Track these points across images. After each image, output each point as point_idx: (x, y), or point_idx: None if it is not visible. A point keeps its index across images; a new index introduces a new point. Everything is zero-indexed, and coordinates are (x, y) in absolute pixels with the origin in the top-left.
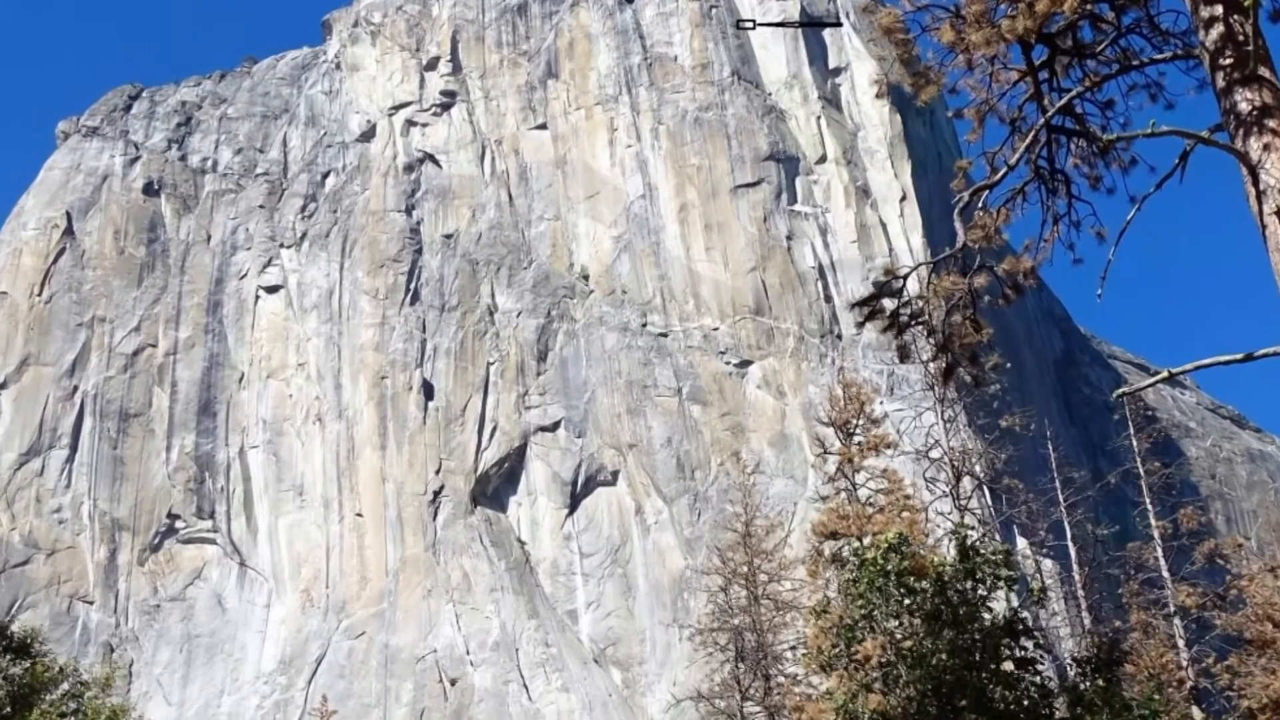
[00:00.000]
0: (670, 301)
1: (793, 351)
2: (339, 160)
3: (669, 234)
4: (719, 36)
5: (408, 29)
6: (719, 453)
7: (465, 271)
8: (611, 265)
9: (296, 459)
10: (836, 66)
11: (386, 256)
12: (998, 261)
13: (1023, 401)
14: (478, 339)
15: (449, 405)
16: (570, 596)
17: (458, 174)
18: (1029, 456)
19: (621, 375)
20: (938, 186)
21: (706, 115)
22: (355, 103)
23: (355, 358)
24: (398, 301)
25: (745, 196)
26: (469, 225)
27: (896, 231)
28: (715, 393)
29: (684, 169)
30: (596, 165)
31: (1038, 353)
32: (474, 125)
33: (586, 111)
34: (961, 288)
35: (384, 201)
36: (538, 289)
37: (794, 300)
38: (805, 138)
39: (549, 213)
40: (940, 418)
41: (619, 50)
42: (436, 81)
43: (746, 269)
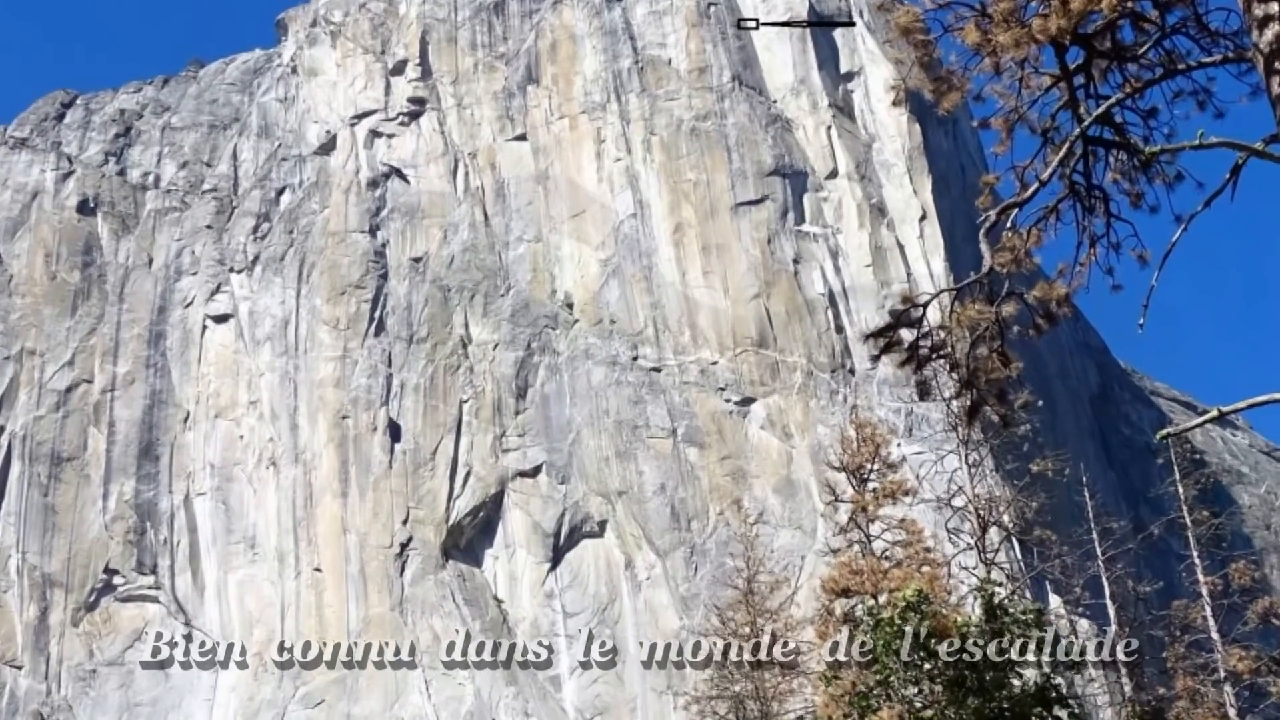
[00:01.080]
0: (664, 332)
1: (800, 388)
2: (295, 175)
3: (662, 257)
4: (718, 37)
5: (371, 29)
6: (718, 500)
7: (436, 299)
8: (598, 292)
9: (248, 508)
10: (849, 71)
11: (348, 282)
12: (1028, 288)
13: (1056, 443)
14: (450, 374)
15: (418, 448)
16: (553, 660)
17: (427, 190)
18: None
19: (610, 414)
20: (961, 204)
21: (704, 125)
22: (313, 111)
23: (313, 395)
24: (360, 332)
25: (747, 215)
26: (440, 247)
27: (915, 254)
28: (714, 434)
29: (679, 185)
30: (582, 180)
31: (1072, 389)
32: (445, 136)
33: (570, 121)
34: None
35: (345, 221)
36: (516, 318)
37: (801, 331)
38: (814, 150)
39: (529, 233)
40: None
41: (607, 53)
42: (404, 87)
43: (748, 296)
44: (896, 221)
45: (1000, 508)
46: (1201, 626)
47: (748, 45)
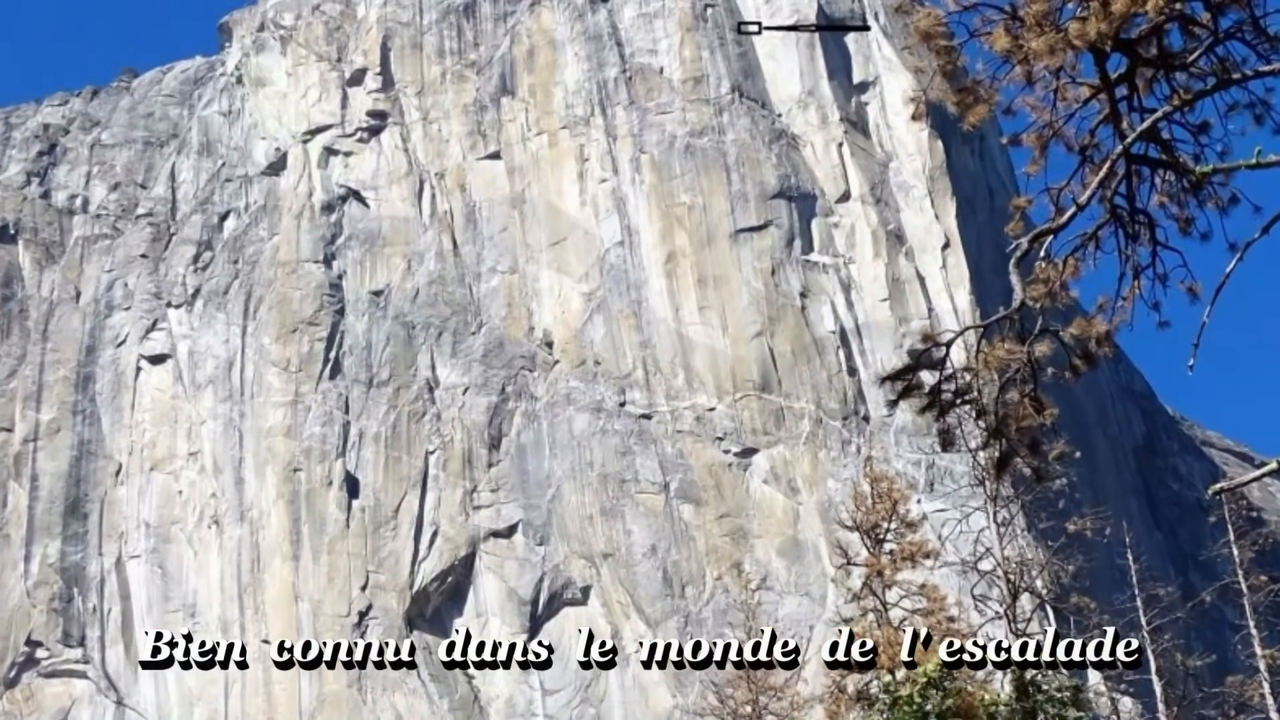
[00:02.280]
0: (655, 375)
1: (808, 437)
2: (240, 198)
3: (653, 290)
4: (715, 43)
5: (326, 34)
6: (716, 564)
7: (398, 337)
8: (581, 329)
9: (187, 572)
10: (863, 81)
11: (300, 318)
12: (1064, 325)
13: (1095, 499)
14: (414, 422)
15: (378, 505)
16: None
17: (389, 215)
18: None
19: (594, 467)
20: (989, 231)
21: (700, 142)
22: (261, 126)
23: (261, 445)
24: (314, 375)
25: (749, 243)
26: (403, 279)
27: (937, 287)
28: (711, 489)
29: (672, 209)
30: (562, 204)
31: (1114, 439)
32: (409, 154)
33: (550, 137)
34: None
35: (297, 249)
36: (489, 359)
37: (809, 373)
38: (823, 170)
39: (503, 264)
40: (992, 520)
41: (591, 60)
42: (362, 99)
43: (750, 334)
44: (916, 250)
45: (1033, 572)
46: (1259, 706)
47: (749, 52)
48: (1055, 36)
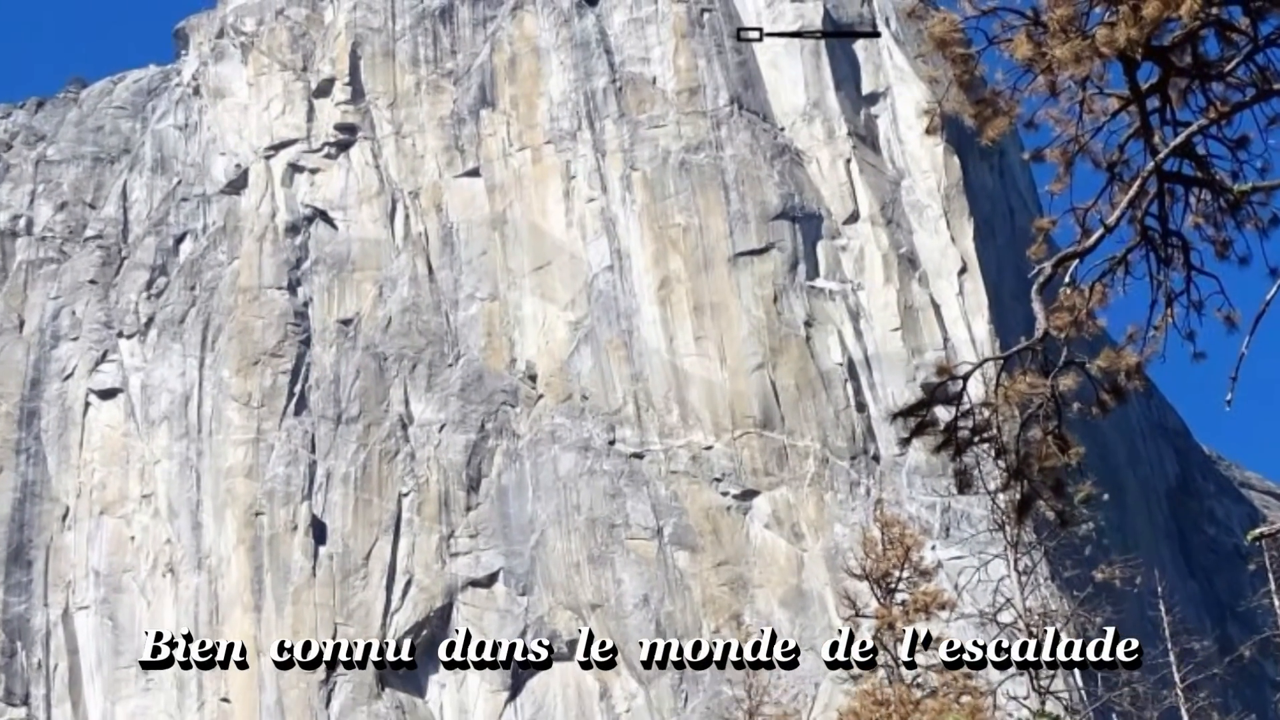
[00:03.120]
0: (647, 410)
1: (813, 478)
2: (198, 219)
3: (645, 319)
4: (713, 51)
5: (291, 41)
6: (713, 615)
7: (369, 370)
8: (567, 361)
9: (140, 624)
10: (873, 92)
11: (262, 349)
12: (1091, 356)
13: (1125, 546)
14: (386, 461)
15: (347, 551)
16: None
17: (359, 237)
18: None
19: (581, 510)
20: (1009, 254)
21: (696, 158)
22: (220, 140)
23: (220, 487)
24: (277, 411)
25: (748, 268)
26: (374, 307)
27: (954, 315)
28: (708, 534)
29: (665, 230)
30: (547, 225)
31: (1145, 480)
32: (381, 171)
33: (533, 152)
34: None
35: (259, 275)
36: (467, 394)
37: (815, 409)
38: (830, 188)
39: (482, 290)
40: (1013, 568)
41: (578, 69)
42: (330, 112)
43: (750, 367)
44: (930, 275)
45: (1057, 624)
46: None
47: (749, 61)
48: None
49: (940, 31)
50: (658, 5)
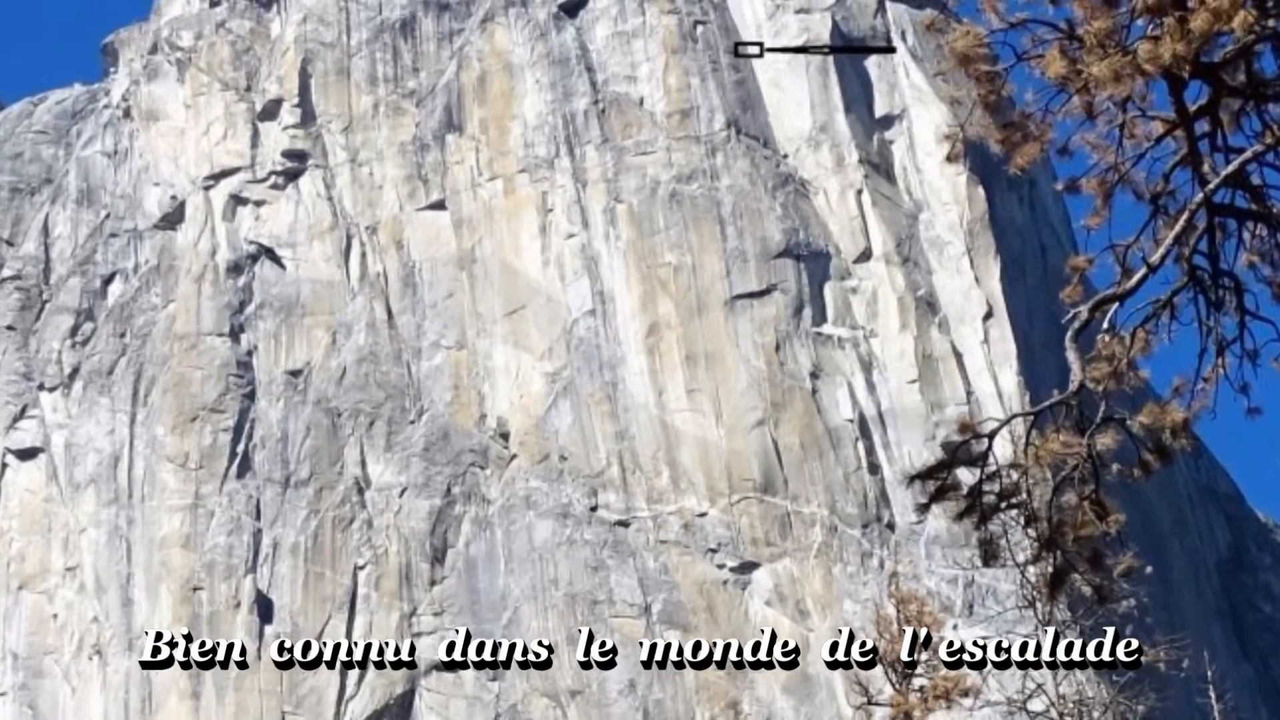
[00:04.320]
0: (633, 473)
1: (820, 549)
2: (128, 257)
3: (631, 370)
4: (707, 68)
5: (233, 57)
6: (708, 703)
7: (321, 427)
8: (544, 418)
9: (64, 712)
10: (887, 114)
11: (201, 404)
12: (1132, 412)
13: (1170, 624)
14: (340, 530)
15: (296, 630)
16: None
17: (309, 278)
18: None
19: (559, 585)
20: (1040, 297)
21: (688, 189)
22: (154, 169)
23: (154, 559)
24: (218, 473)
25: (748, 312)
26: (326, 356)
27: (978, 365)
28: (702, 611)
29: (654, 270)
30: (521, 265)
31: (1192, 551)
32: (334, 203)
33: (505, 183)
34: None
35: (197, 320)
36: (431, 454)
37: (822, 471)
38: (839, 223)
39: (448, 337)
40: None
41: (555, 89)
42: (277, 137)
43: (749, 423)
44: (952, 321)
45: (1095, 712)
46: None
47: (748, 79)
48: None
49: (963, 46)
50: (645, 17)
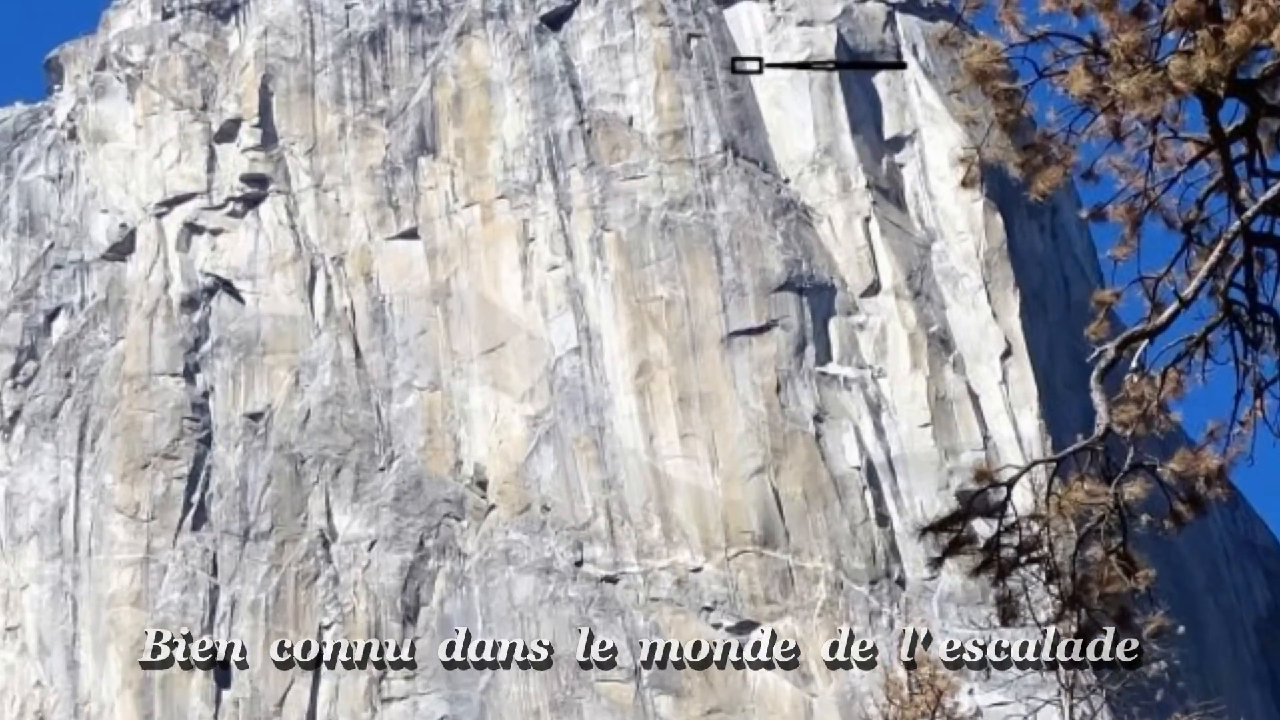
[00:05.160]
0: (622, 524)
1: (824, 607)
2: (74, 290)
3: (620, 413)
4: (702, 85)
5: (188, 73)
6: None
7: (283, 475)
8: (525, 465)
9: None
10: (897, 135)
11: (153, 450)
12: (1163, 458)
13: (1205, 688)
14: (304, 586)
15: (256, 696)
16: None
17: (271, 313)
18: None
19: (543, 644)
20: (1063, 333)
21: (682, 216)
22: (102, 195)
23: (101, 618)
24: (171, 525)
25: (746, 350)
26: (289, 398)
27: (996, 408)
28: (697, 675)
29: (645, 305)
30: (500, 299)
31: (1229, 609)
32: (297, 232)
33: (483, 209)
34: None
35: (148, 359)
36: (403, 504)
37: (826, 522)
38: (845, 253)
39: (421, 378)
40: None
41: (537, 108)
42: (236, 160)
43: (748, 471)
44: (967, 359)
45: None
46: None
47: (747, 97)
48: (1151, 77)
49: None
50: (635, 30)
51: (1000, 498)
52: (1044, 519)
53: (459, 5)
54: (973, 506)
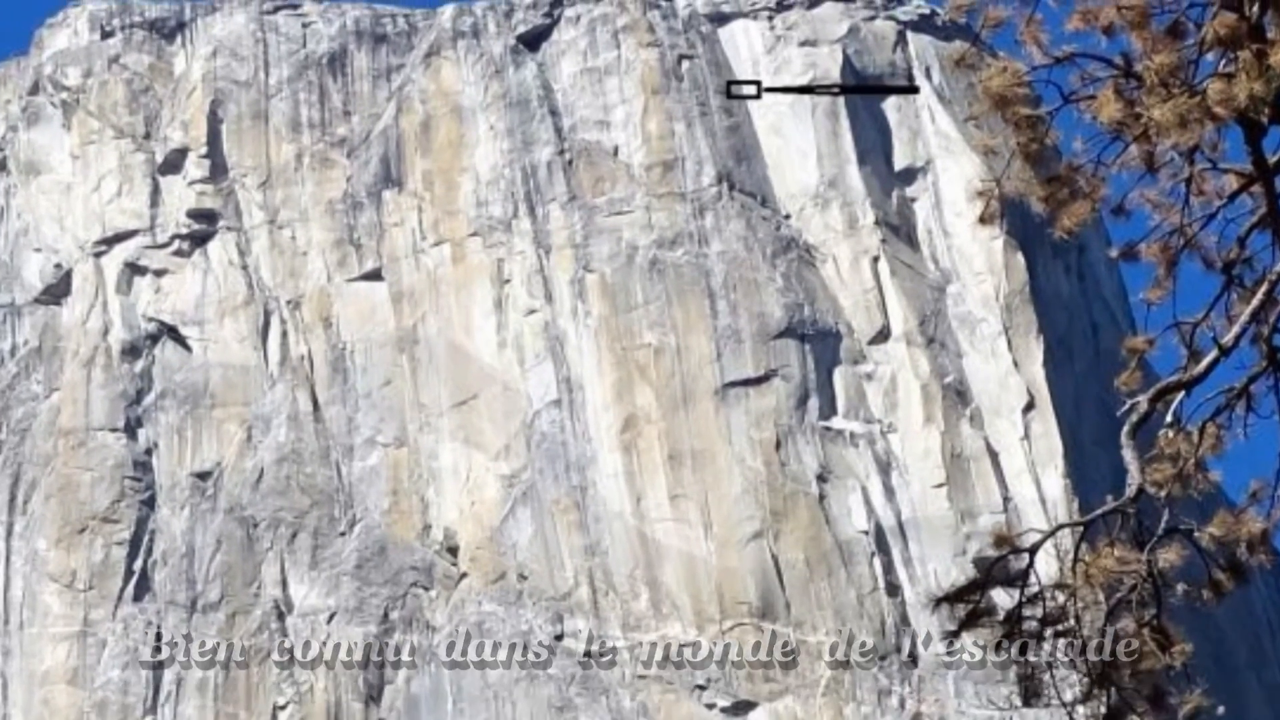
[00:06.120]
0: (607, 594)
1: (829, 685)
2: (4, 336)
3: (604, 472)
4: (694, 111)
5: (129, 98)
6: None
7: (234, 540)
8: (499, 529)
9: None
10: (909, 166)
11: (91, 513)
12: (1201, 521)
13: None
14: (257, 663)
15: None
16: None
17: (220, 362)
18: None
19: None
20: (1091, 384)
21: (672, 255)
22: (34, 232)
23: (34, 697)
24: (111, 595)
25: (743, 403)
26: (240, 456)
27: (1017, 466)
28: None
29: (631, 353)
30: (472, 346)
31: (1273, 687)
32: (250, 273)
33: (454, 248)
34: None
35: (86, 412)
36: (365, 572)
37: (831, 592)
38: (852, 296)
39: (386, 433)
40: None
41: (513, 136)
42: (182, 193)
43: (745, 535)
44: (985, 413)
45: None
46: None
47: (744, 125)
48: (1188, 102)
49: (999, 86)
50: (621, 51)
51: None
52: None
53: (427, 23)
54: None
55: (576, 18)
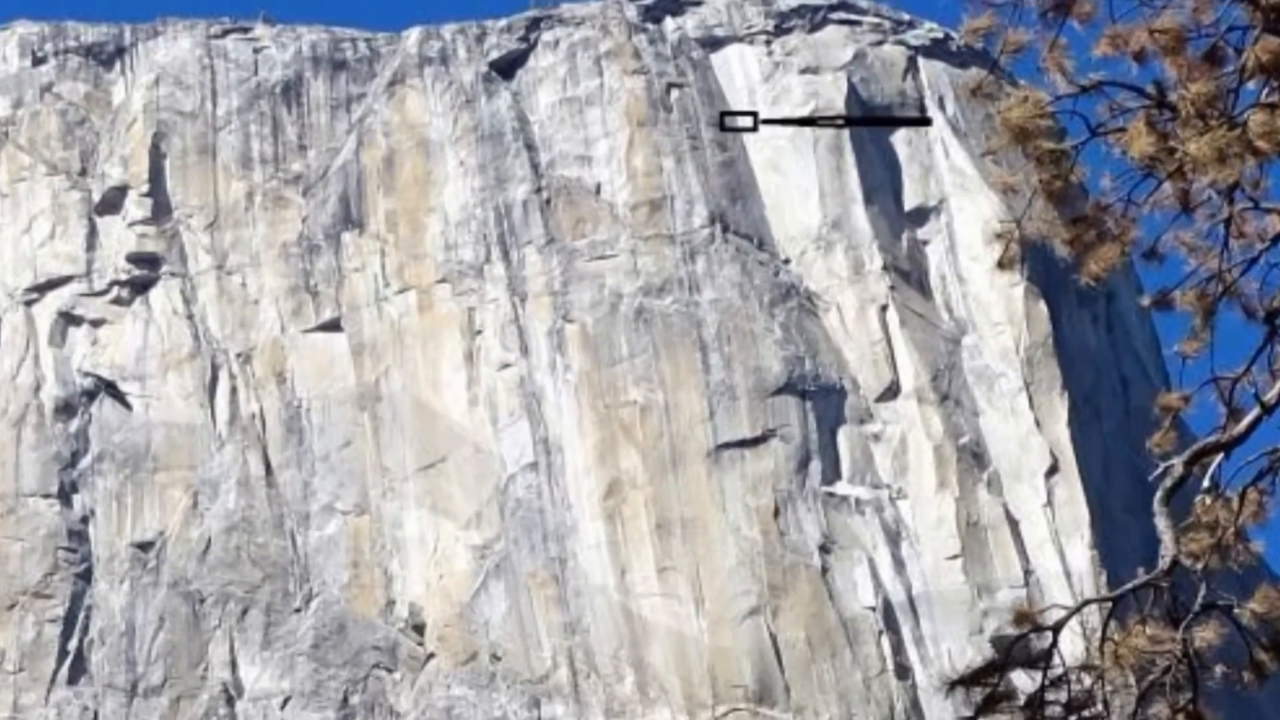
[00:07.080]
0: (589, 677)
1: None
2: None
3: (584, 541)
4: (685, 146)
5: (64, 130)
6: None
7: (179, 617)
8: (470, 605)
9: None
10: (920, 206)
11: (21, 588)
12: (1241, 596)
13: None
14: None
15: None
16: None
17: (164, 421)
18: None
19: None
20: (1121, 445)
21: (660, 303)
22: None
23: None
24: (43, 677)
25: (738, 466)
26: (186, 525)
27: (1039, 535)
28: None
29: (615, 412)
30: (440, 404)
31: None
32: (196, 323)
33: (420, 295)
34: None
35: (15, 477)
36: (323, 652)
37: (835, 674)
38: (857, 349)
39: (345, 499)
40: None
41: (485, 173)
42: (121, 235)
43: (740, 612)
44: (1005, 477)
45: None
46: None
47: (739, 160)
48: (1227, 135)
49: (1020, 117)
50: (603, 78)
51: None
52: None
53: (390, 49)
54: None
55: (555, 42)
